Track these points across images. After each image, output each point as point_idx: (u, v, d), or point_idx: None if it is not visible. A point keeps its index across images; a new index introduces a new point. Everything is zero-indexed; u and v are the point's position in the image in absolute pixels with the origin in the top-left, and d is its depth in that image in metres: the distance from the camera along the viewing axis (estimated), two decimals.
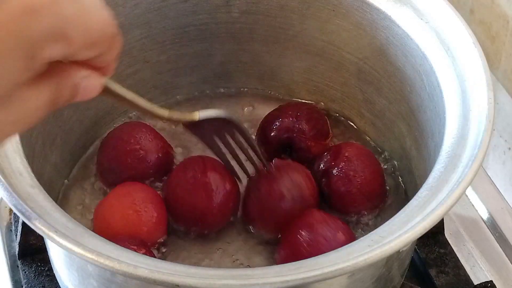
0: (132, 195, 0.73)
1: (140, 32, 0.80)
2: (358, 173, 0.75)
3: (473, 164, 0.60)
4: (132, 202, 0.72)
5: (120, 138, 0.78)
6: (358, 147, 0.80)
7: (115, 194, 0.74)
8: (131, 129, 0.79)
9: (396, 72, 0.77)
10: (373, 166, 0.77)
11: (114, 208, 0.72)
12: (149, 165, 0.77)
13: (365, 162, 0.76)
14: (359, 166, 0.76)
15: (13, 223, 0.82)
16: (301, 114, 0.80)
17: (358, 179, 0.75)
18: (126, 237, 0.69)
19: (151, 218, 0.72)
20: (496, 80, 0.90)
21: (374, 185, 0.76)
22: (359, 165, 0.76)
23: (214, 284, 0.53)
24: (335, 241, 0.68)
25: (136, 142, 0.77)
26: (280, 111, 0.81)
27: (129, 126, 0.80)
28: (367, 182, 0.75)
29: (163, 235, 0.74)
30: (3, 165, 0.60)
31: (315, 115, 0.81)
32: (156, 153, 0.78)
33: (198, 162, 0.75)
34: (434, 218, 0.57)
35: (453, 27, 0.70)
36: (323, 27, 0.81)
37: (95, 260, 0.54)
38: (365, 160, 0.76)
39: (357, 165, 0.76)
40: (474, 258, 0.82)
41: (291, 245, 0.70)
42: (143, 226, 0.72)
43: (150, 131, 0.79)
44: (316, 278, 0.54)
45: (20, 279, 0.77)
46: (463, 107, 0.65)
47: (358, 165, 0.76)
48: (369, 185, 0.76)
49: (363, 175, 0.75)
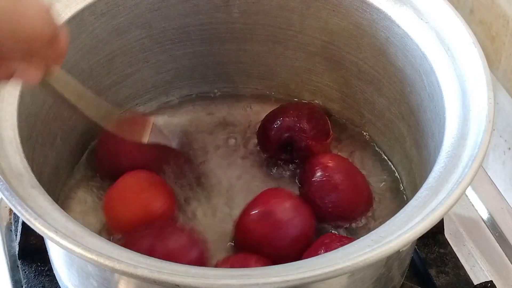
0: (140, 178, 0.75)
1: (140, 32, 0.80)
2: (340, 187, 0.75)
3: (473, 164, 0.60)
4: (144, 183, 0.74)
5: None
6: (335, 158, 0.80)
7: (125, 180, 0.75)
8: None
9: (396, 72, 0.77)
10: (354, 175, 0.77)
11: (126, 192, 0.74)
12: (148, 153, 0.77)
13: (345, 173, 0.77)
14: (340, 178, 0.76)
15: (13, 223, 0.82)
16: (302, 114, 0.80)
17: (332, 195, 0.75)
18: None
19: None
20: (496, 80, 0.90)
21: (357, 192, 0.76)
22: (341, 178, 0.76)
23: (214, 284, 0.53)
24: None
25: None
26: (281, 110, 0.82)
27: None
28: (345, 196, 0.75)
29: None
30: (3, 165, 0.60)
31: (316, 115, 0.81)
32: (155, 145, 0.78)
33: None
34: (434, 218, 0.57)
35: (453, 27, 0.70)
36: (323, 27, 0.81)
37: (95, 260, 0.54)
38: (343, 173, 0.77)
39: (339, 178, 0.76)
40: (474, 258, 0.82)
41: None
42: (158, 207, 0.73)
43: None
44: (316, 278, 0.54)
45: (20, 279, 0.77)
46: (463, 107, 0.65)
47: (341, 177, 0.76)
48: (353, 193, 0.76)
49: (346, 188, 0.75)
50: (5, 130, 0.63)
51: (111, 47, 0.79)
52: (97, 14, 0.75)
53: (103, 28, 0.76)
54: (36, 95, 0.70)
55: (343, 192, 0.75)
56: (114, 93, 0.83)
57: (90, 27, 0.75)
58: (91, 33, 0.76)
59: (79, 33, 0.74)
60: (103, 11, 0.76)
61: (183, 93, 0.88)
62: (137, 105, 0.86)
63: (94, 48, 0.77)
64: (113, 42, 0.78)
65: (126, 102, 0.85)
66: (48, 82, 0.56)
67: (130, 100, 0.85)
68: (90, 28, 0.75)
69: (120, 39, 0.79)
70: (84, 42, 0.75)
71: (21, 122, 0.65)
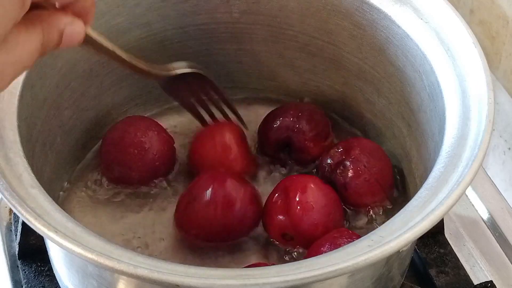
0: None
1: (140, 32, 0.80)
2: (372, 163, 0.76)
3: (473, 164, 0.60)
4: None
5: (125, 130, 0.78)
6: (367, 140, 0.80)
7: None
8: (135, 121, 0.80)
9: (396, 72, 0.77)
10: (384, 158, 0.78)
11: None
12: (155, 156, 0.78)
13: (376, 153, 0.77)
14: (372, 157, 0.76)
15: (13, 223, 0.82)
16: (302, 114, 0.80)
17: (374, 168, 0.76)
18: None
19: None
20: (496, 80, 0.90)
21: (387, 175, 0.77)
22: (372, 156, 0.76)
23: (214, 284, 0.53)
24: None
25: (142, 134, 0.78)
26: (281, 110, 0.82)
27: (132, 119, 0.81)
28: (381, 171, 0.76)
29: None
30: (3, 165, 0.60)
31: (316, 116, 0.81)
32: (162, 145, 0.79)
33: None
34: (434, 218, 0.57)
35: (453, 27, 0.70)
36: (323, 27, 0.81)
37: (95, 260, 0.54)
38: (375, 152, 0.77)
39: (369, 156, 0.76)
40: (474, 258, 0.82)
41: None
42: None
43: (153, 123, 0.80)
44: (316, 278, 0.54)
45: (20, 279, 0.77)
46: (463, 107, 0.65)
47: (371, 156, 0.76)
48: (383, 174, 0.76)
49: (377, 165, 0.76)
50: (5, 130, 0.63)
51: None
52: (97, 14, 0.75)
53: (103, 28, 0.76)
54: (36, 95, 0.70)
55: (384, 166, 0.77)
56: (114, 93, 0.83)
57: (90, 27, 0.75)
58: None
59: None
60: (103, 11, 0.76)
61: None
62: (137, 105, 0.86)
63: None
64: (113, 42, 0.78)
65: (126, 102, 0.85)
66: (90, 36, 0.59)
67: (130, 100, 0.85)
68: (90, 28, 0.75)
69: (120, 39, 0.79)
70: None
71: (21, 122, 0.65)
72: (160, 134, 0.79)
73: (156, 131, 0.79)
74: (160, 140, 0.79)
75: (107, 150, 0.78)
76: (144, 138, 0.78)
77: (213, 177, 0.74)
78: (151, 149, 0.77)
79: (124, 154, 0.77)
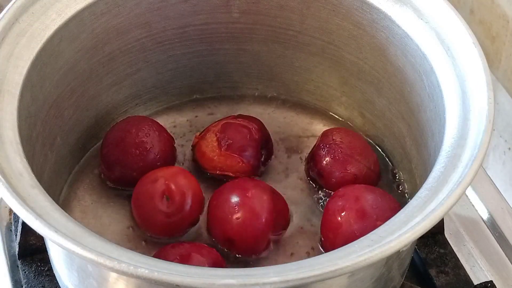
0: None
1: (140, 32, 0.80)
2: (338, 142, 0.78)
3: (473, 164, 0.60)
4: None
5: (127, 131, 0.78)
6: (345, 130, 0.81)
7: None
8: (136, 121, 0.80)
9: (396, 72, 0.77)
10: (353, 134, 0.80)
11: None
12: (157, 157, 0.77)
13: (343, 133, 0.79)
14: (335, 136, 0.78)
15: (13, 223, 0.82)
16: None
17: (341, 145, 0.77)
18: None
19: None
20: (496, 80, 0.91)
21: (359, 147, 0.78)
22: (335, 136, 0.78)
23: (214, 284, 0.53)
24: None
25: (143, 134, 0.78)
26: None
27: (133, 119, 0.81)
28: (350, 147, 0.77)
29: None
30: (3, 165, 0.60)
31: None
32: (163, 145, 0.79)
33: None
34: (434, 218, 0.57)
35: (453, 27, 0.70)
36: (323, 27, 0.81)
37: (95, 260, 0.54)
38: (342, 133, 0.79)
39: (331, 138, 0.78)
40: (474, 258, 0.82)
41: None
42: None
43: (154, 123, 0.80)
44: (316, 278, 0.54)
45: (20, 279, 0.77)
46: (463, 107, 0.66)
47: (334, 137, 0.78)
48: (353, 148, 0.77)
49: (345, 141, 0.78)
50: (5, 130, 0.63)
51: (111, 47, 0.79)
52: (97, 14, 0.75)
53: (103, 28, 0.76)
54: (36, 95, 0.70)
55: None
56: (114, 93, 0.83)
57: (90, 27, 0.75)
58: (91, 33, 0.76)
59: (79, 33, 0.74)
60: (103, 11, 0.76)
61: (183, 93, 0.88)
62: (137, 105, 0.86)
63: (94, 48, 0.77)
64: (113, 42, 0.78)
65: (126, 102, 0.85)
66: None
67: (130, 100, 0.85)
68: (90, 28, 0.75)
69: (120, 39, 0.79)
70: (84, 42, 0.75)
71: (21, 122, 0.65)
72: (161, 134, 0.79)
73: (158, 131, 0.79)
74: (162, 140, 0.79)
75: (108, 150, 0.78)
76: (145, 138, 0.78)
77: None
78: (152, 149, 0.77)
79: (125, 155, 0.77)
